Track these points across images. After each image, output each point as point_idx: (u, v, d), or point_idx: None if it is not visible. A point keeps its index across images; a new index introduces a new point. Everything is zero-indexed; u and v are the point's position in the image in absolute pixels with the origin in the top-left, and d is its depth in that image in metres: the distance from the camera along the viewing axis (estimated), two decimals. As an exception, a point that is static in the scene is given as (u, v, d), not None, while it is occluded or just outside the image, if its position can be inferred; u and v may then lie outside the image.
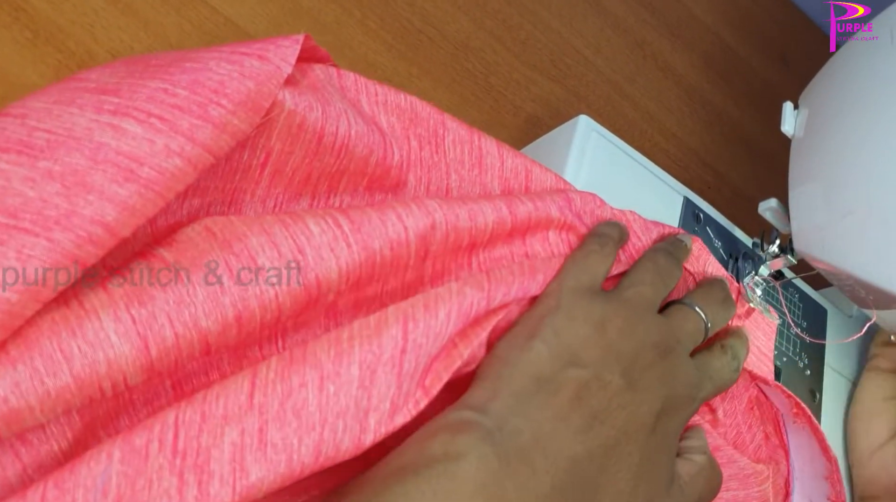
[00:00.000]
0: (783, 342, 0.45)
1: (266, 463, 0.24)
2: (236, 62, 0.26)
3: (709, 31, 0.60)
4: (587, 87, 0.46)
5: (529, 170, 0.38)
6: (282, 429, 0.24)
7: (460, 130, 0.36)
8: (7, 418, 0.22)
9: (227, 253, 0.26)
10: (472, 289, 0.29)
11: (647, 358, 0.32)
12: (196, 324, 0.25)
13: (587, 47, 0.51)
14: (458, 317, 0.29)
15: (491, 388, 0.29)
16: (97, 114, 0.23)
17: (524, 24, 0.48)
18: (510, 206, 0.34)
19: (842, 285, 0.36)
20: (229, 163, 0.29)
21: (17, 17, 0.32)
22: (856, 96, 0.34)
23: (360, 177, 0.32)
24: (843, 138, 0.34)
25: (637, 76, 0.54)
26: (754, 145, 0.58)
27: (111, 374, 0.23)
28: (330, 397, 0.25)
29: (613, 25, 0.54)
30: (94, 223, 0.22)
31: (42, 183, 0.22)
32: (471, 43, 0.48)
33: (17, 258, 0.21)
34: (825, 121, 0.36)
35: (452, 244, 0.32)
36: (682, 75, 0.56)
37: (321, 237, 0.27)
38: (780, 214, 0.39)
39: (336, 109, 0.30)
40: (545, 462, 0.27)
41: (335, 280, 0.28)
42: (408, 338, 0.27)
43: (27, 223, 0.22)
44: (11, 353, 0.22)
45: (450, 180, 0.36)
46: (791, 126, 0.38)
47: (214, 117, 0.25)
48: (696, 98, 0.56)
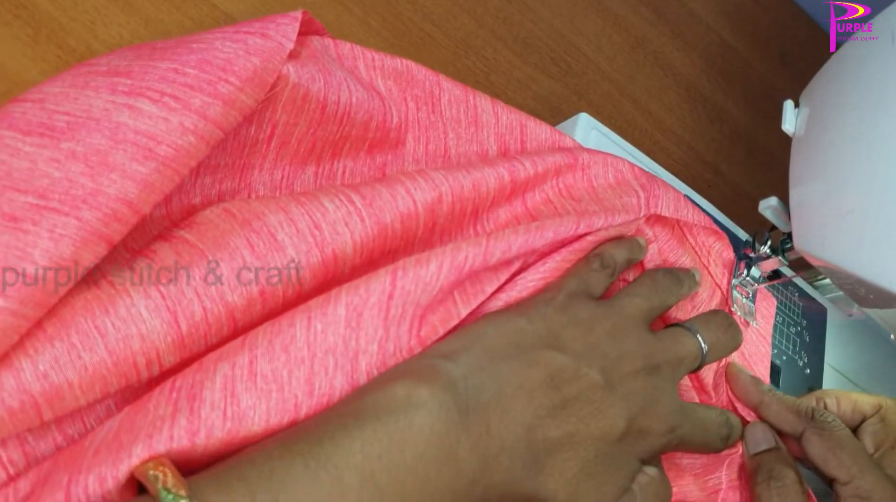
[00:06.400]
0: (783, 341, 0.45)
1: (256, 391, 0.24)
2: (240, 41, 0.26)
3: (709, 30, 0.60)
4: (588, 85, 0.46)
5: (524, 124, 0.39)
6: (271, 362, 0.25)
7: (455, 90, 0.37)
8: (48, 395, 0.22)
9: (247, 230, 0.27)
10: (468, 245, 0.30)
11: (630, 366, 0.31)
12: (223, 299, 0.26)
13: (588, 45, 0.51)
14: (451, 269, 0.29)
15: (466, 340, 0.29)
16: (112, 95, 0.24)
17: (525, 23, 0.48)
18: (512, 172, 0.34)
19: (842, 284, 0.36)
20: (237, 140, 0.29)
21: (18, 14, 0.32)
22: (857, 95, 0.34)
23: (362, 142, 0.33)
24: (843, 137, 0.34)
25: (637, 74, 0.53)
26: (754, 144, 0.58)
27: (145, 350, 0.24)
28: (318, 334, 0.26)
29: (614, 24, 0.54)
30: (118, 201, 0.23)
31: (67, 163, 0.23)
32: (472, 41, 0.48)
33: (49, 237, 0.22)
34: (826, 119, 0.36)
35: (458, 213, 0.33)
36: (682, 73, 0.56)
37: (335, 213, 0.28)
38: (781, 213, 0.39)
39: (336, 79, 0.31)
40: (500, 424, 0.27)
41: (350, 254, 0.28)
42: (395, 284, 0.27)
43: (56, 203, 0.22)
44: (48, 331, 0.23)
45: (447, 139, 0.37)
46: (791, 124, 0.38)
47: (224, 94, 0.25)
48: (696, 96, 0.56)
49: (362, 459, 0.22)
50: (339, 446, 0.22)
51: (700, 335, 0.35)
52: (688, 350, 0.34)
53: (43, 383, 0.22)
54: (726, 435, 0.34)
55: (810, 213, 0.35)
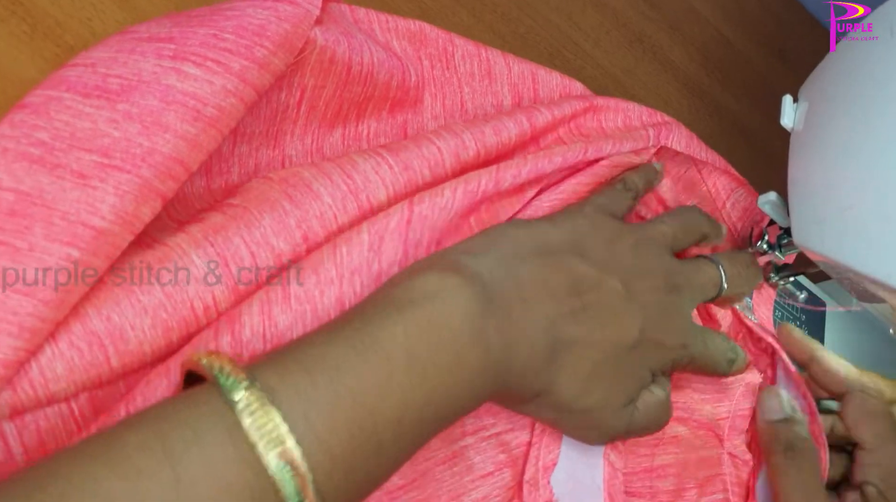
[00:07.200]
0: (782, 335, 0.45)
1: (291, 312, 0.26)
2: (270, 7, 0.28)
3: (708, 25, 0.60)
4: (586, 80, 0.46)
5: (535, 72, 0.41)
6: (303, 284, 0.27)
7: (468, 46, 0.39)
8: (113, 337, 0.24)
9: (284, 185, 0.29)
10: (480, 174, 0.32)
11: (650, 281, 0.32)
12: (268, 243, 0.27)
13: (586, 40, 0.51)
14: (465, 194, 0.31)
15: (490, 239, 0.30)
16: (159, 59, 0.25)
17: (523, 18, 0.48)
18: (531, 120, 0.36)
19: (841, 279, 0.36)
20: (269, 106, 0.31)
21: (14, 11, 0.32)
22: (856, 89, 0.34)
23: (384, 101, 0.35)
24: (843, 131, 0.34)
25: (636, 69, 0.53)
26: (753, 138, 0.58)
27: (200, 293, 0.26)
28: (343, 256, 0.27)
29: (612, 19, 0.54)
30: (172, 160, 0.24)
31: (124, 124, 0.24)
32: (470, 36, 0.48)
33: (115, 193, 0.23)
34: (825, 114, 0.36)
35: (483, 161, 0.34)
36: (680, 68, 0.56)
37: (365, 163, 0.30)
38: (780, 208, 0.39)
39: (358, 41, 0.32)
40: (522, 315, 0.28)
41: (384, 201, 0.30)
42: (413, 209, 0.29)
43: (118, 161, 0.24)
44: (107, 281, 0.24)
45: (463, 93, 0.39)
46: (790, 119, 0.38)
47: (259, 58, 0.27)
48: (694, 91, 0.56)
49: (404, 339, 0.24)
50: (383, 329, 0.24)
51: (722, 266, 0.36)
52: (708, 277, 0.35)
53: (107, 325, 0.23)
54: (732, 359, 0.36)
55: (809, 208, 0.35)
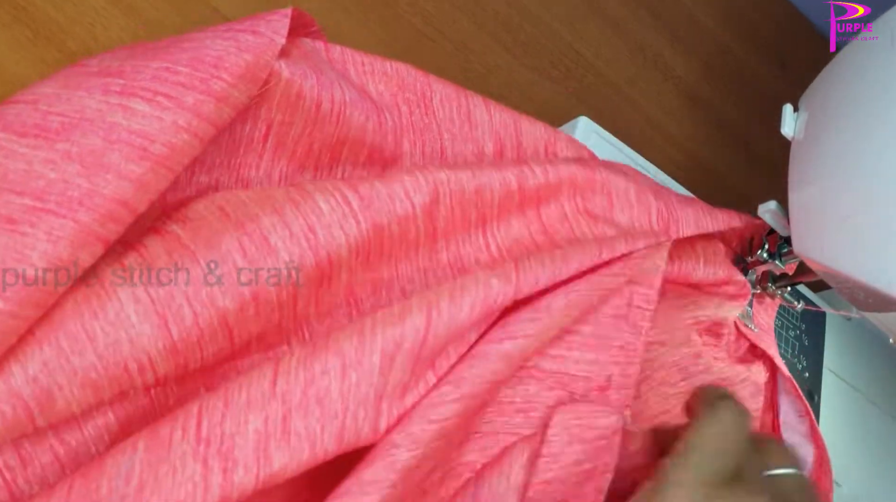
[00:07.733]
0: (782, 344, 0.45)
1: (289, 450, 0.24)
2: (231, 38, 0.27)
3: (709, 34, 0.60)
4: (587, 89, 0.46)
5: (518, 121, 0.39)
6: (305, 418, 0.24)
7: (447, 90, 0.37)
8: (39, 399, 0.22)
9: (239, 232, 0.26)
10: (499, 281, 0.29)
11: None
12: (213, 303, 0.25)
13: (588, 49, 0.51)
14: (483, 308, 0.29)
15: None
16: (105, 95, 0.24)
17: (525, 26, 0.49)
18: (520, 178, 0.34)
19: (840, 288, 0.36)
20: (232, 137, 0.29)
21: (18, 17, 0.32)
22: (856, 99, 0.34)
23: (360, 146, 0.33)
24: (843, 141, 0.34)
25: (637, 78, 0.54)
26: (754, 147, 0.58)
27: (135, 355, 0.24)
28: (352, 386, 0.25)
29: (614, 28, 0.54)
30: (114, 201, 0.23)
31: (62, 164, 0.23)
32: (471, 44, 0.48)
33: (47, 240, 0.22)
34: (825, 123, 0.36)
35: (460, 218, 0.32)
36: (682, 78, 0.56)
37: (331, 215, 0.28)
38: (780, 217, 0.39)
39: (328, 78, 0.31)
40: None
41: (345, 256, 0.28)
42: (430, 328, 0.27)
43: (53, 205, 0.22)
44: (37, 334, 0.22)
45: (443, 140, 0.37)
46: (791, 128, 0.38)
47: (216, 91, 0.25)
48: (695, 100, 0.56)
49: None
50: None
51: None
52: None
53: (33, 387, 0.22)
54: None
55: (809, 217, 0.35)
